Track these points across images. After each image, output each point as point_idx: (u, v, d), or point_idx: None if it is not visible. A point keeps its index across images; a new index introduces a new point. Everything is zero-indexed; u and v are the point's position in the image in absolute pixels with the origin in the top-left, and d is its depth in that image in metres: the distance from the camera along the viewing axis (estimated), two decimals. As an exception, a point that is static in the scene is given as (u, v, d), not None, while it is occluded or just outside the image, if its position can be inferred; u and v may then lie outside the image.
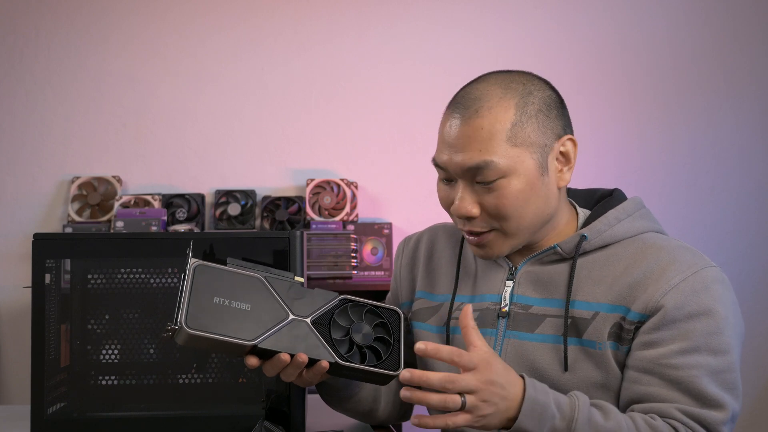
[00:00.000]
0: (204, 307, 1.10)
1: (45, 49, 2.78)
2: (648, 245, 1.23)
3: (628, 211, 1.27)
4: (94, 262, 1.32)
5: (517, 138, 1.18)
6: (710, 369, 1.15)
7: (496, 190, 1.18)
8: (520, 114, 1.18)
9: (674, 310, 1.15)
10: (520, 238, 1.23)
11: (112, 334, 1.33)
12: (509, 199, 1.18)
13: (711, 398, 1.14)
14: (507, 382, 1.08)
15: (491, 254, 1.24)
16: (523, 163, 1.18)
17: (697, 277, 1.17)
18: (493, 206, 1.19)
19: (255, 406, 1.31)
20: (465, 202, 1.20)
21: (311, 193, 2.74)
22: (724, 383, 1.15)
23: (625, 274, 1.20)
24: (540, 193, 1.21)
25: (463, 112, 1.19)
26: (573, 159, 1.24)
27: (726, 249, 2.82)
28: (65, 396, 1.33)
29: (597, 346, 1.18)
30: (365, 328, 1.18)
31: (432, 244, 1.41)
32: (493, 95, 1.19)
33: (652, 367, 1.16)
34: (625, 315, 1.18)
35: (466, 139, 1.18)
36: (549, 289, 1.24)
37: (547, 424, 1.09)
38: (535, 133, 1.19)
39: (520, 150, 1.18)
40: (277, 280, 1.17)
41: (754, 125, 2.86)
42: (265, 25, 2.82)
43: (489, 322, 1.26)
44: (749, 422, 2.82)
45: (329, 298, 1.19)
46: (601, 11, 2.86)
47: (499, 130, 1.17)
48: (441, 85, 2.80)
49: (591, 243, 1.24)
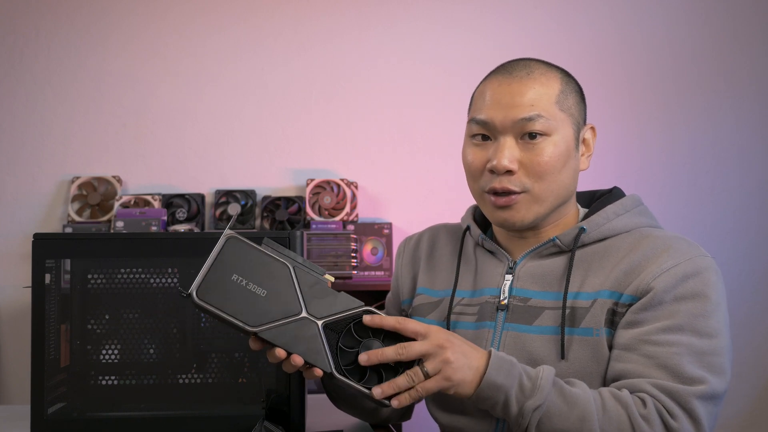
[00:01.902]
0: (219, 282, 1.08)
1: (45, 49, 2.78)
2: (645, 236, 1.24)
3: (626, 207, 1.29)
4: (94, 262, 1.32)
5: (563, 104, 1.24)
6: (693, 349, 1.14)
7: (539, 147, 1.22)
8: (564, 85, 1.26)
9: (663, 293, 1.16)
10: (545, 207, 1.25)
11: (112, 334, 1.33)
12: (550, 158, 1.22)
13: (688, 375, 1.12)
14: (464, 342, 1.13)
15: (517, 217, 1.25)
16: (565, 128, 1.24)
17: (689, 263, 1.18)
18: (534, 162, 1.22)
19: (255, 406, 1.31)
20: (507, 154, 1.22)
21: (311, 193, 2.74)
22: (708, 365, 1.14)
23: (621, 263, 1.21)
24: (572, 165, 1.26)
25: (516, 74, 1.25)
26: (592, 147, 1.30)
27: (726, 249, 2.82)
28: (65, 396, 1.33)
29: (594, 333, 1.19)
30: (377, 345, 1.10)
31: (433, 242, 1.42)
32: (540, 66, 1.27)
33: (633, 344, 1.16)
34: (618, 300, 1.19)
35: (519, 94, 1.23)
36: (548, 282, 1.25)
37: (516, 378, 1.11)
38: (575, 107, 1.27)
39: (565, 116, 1.24)
40: (305, 273, 1.12)
41: (754, 125, 2.86)
42: (265, 25, 2.82)
43: (488, 315, 1.27)
44: (749, 422, 2.82)
45: (352, 305, 1.12)
46: (601, 11, 2.86)
47: (550, 92, 1.24)
48: (441, 85, 2.80)
49: (589, 236, 1.25)
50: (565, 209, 1.29)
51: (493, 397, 1.11)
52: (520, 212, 1.24)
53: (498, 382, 1.10)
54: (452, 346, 1.10)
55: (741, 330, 2.79)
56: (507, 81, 1.24)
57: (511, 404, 1.11)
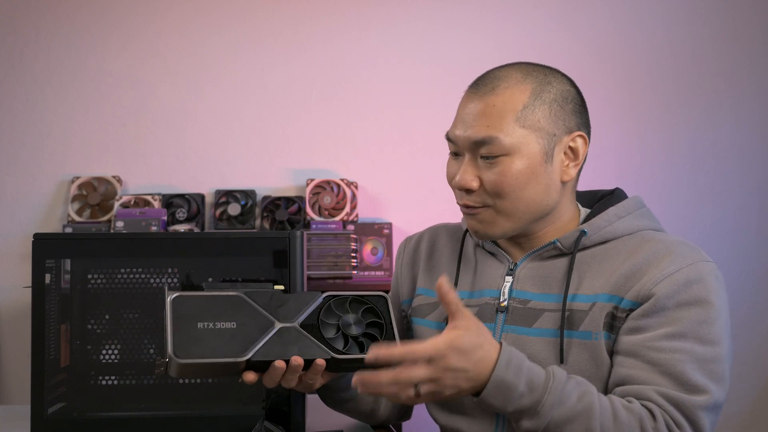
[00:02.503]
0: (190, 335, 1.10)
1: (45, 49, 2.78)
2: (646, 239, 1.23)
3: (628, 209, 1.28)
4: (94, 262, 1.32)
5: (526, 120, 1.21)
6: (696, 356, 1.14)
7: (498, 167, 1.21)
8: (534, 98, 1.22)
9: (665, 299, 1.15)
10: (514, 222, 1.24)
11: (112, 334, 1.33)
12: (508, 178, 1.21)
13: (693, 384, 1.13)
14: (471, 364, 1.07)
15: (483, 231, 1.25)
16: (528, 145, 1.21)
17: (692, 268, 1.17)
18: (491, 182, 1.21)
19: (255, 406, 1.31)
20: (466, 174, 1.23)
21: (311, 193, 2.74)
22: (710, 373, 1.14)
23: (622, 266, 1.20)
24: (540, 180, 1.23)
25: (481, 89, 1.24)
26: (581, 156, 1.26)
27: (726, 249, 2.82)
28: (65, 396, 1.33)
29: (593, 337, 1.18)
30: (353, 317, 1.18)
31: (433, 242, 1.42)
32: (513, 78, 1.24)
33: (636, 350, 1.16)
34: (618, 304, 1.18)
35: (478, 114, 1.22)
36: (548, 284, 1.24)
37: (514, 404, 1.09)
38: (546, 120, 1.22)
39: (527, 132, 1.21)
40: (257, 293, 1.17)
41: (754, 125, 2.86)
42: (265, 25, 2.82)
43: (487, 316, 1.27)
44: (749, 422, 2.82)
45: (312, 298, 1.19)
46: (601, 11, 2.86)
47: (509, 110, 1.21)
48: (441, 85, 2.80)
49: (590, 239, 1.25)
50: (557, 216, 1.28)
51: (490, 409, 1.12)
52: (484, 224, 1.25)
53: (495, 406, 1.10)
54: (446, 378, 1.06)
55: (741, 330, 2.79)
56: (471, 98, 1.25)
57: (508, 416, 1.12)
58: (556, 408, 1.09)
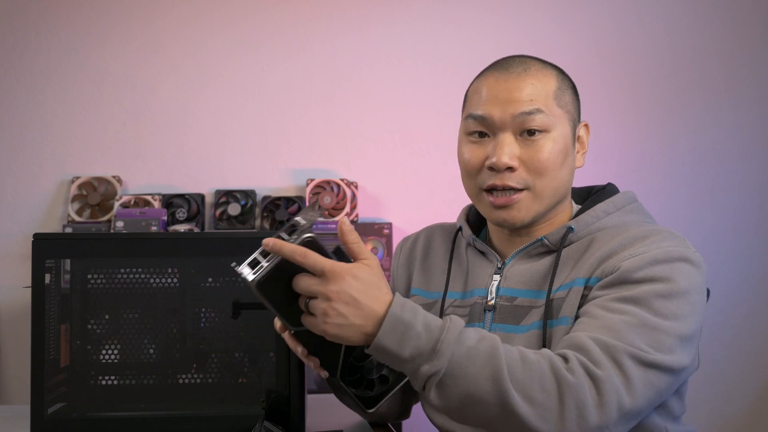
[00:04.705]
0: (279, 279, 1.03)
1: (45, 49, 2.78)
2: (629, 226, 1.22)
3: (617, 205, 1.26)
4: (94, 262, 1.32)
5: (561, 100, 1.24)
6: (644, 322, 1.07)
7: (538, 143, 1.21)
8: (560, 82, 1.25)
9: (628, 272, 1.12)
10: (544, 204, 1.24)
11: (112, 334, 1.33)
12: (550, 154, 1.21)
13: (629, 341, 1.06)
14: (365, 297, 1.01)
15: (518, 217, 1.23)
16: (563, 125, 1.23)
17: (663, 251, 1.13)
18: (534, 159, 1.20)
19: (255, 406, 1.31)
20: (507, 150, 1.20)
21: (311, 193, 2.74)
22: (655, 341, 1.07)
23: (598, 251, 1.19)
24: (569, 162, 1.25)
25: (512, 70, 1.24)
26: (587, 145, 1.30)
27: (726, 249, 2.82)
28: (65, 396, 1.33)
29: (569, 321, 1.16)
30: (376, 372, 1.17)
31: (428, 243, 1.42)
32: (535, 63, 1.26)
33: (586, 310, 1.12)
34: (587, 283, 1.16)
35: (517, 90, 1.22)
36: (534, 281, 1.24)
37: (411, 343, 1.01)
38: (571, 104, 1.26)
39: (562, 112, 1.24)
40: None
41: (754, 125, 2.86)
42: (265, 25, 2.82)
43: (477, 316, 1.27)
44: (749, 422, 2.82)
45: None
46: (601, 11, 2.86)
47: (546, 89, 1.23)
48: (441, 85, 2.80)
49: (577, 235, 1.24)
50: (561, 207, 1.28)
51: (385, 359, 1.04)
52: (521, 212, 1.23)
53: (390, 348, 1.01)
54: (338, 301, 1.00)
55: (741, 330, 2.79)
56: (504, 77, 1.23)
57: (404, 367, 1.04)
58: (456, 347, 1.01)
